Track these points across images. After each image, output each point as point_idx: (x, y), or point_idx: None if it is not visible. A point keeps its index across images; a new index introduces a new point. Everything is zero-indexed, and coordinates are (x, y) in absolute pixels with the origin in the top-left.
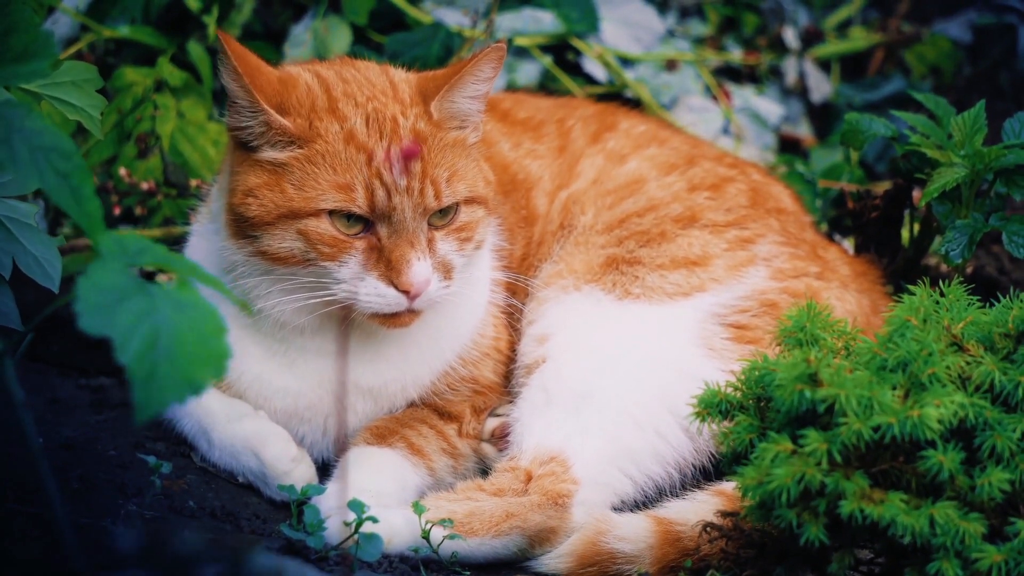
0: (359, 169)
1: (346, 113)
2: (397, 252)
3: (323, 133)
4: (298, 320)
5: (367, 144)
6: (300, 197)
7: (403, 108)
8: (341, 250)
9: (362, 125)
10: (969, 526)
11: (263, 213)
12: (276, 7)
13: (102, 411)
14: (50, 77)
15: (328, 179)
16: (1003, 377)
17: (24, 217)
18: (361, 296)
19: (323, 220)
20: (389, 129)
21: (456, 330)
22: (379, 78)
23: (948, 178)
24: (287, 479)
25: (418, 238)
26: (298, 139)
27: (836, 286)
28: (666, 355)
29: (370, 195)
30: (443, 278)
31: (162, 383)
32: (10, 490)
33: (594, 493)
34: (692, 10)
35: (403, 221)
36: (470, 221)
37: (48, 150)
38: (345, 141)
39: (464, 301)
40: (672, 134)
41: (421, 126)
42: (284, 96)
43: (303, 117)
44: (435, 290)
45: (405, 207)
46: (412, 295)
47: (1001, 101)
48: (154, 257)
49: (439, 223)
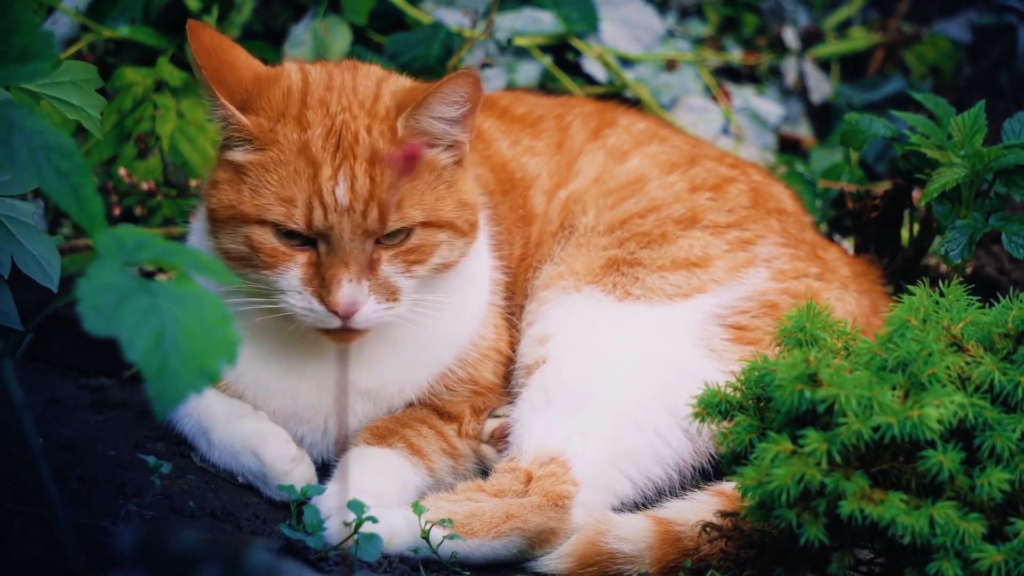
0: (303, 184)
1: (311, 122)
2: (330, 272)
3: (281, 140)
4: (256, 320)
5: (317, 158)
6: (249, 203)
7: (371, 123)
8: (281, 261)
9: (320, 138)
10: (969, 526)
11: (220, 209)
12: (276, 7)
13: (102, 411)
14: (50, 77)
15: (274, 190)
16: (1003, 377)
17: (23, 216)
18: (297, 309)
19: (267, 230)
20: (347, 145)
21: (454, 332)
22: (367, 87)
23: (948, 178)
24: (287, 479)
25: (355, 259)
26: (255, 140)
27: (836, 287)
28: (666, 356)
29: (308, 212)
30: (385, 300)
31: (175, 375)
32: (10, 490)
33: (594, 494)
34: (692, 10)
35: (341, 241)
36: (424, 244)
37: (49, 149)
38: (298, 152)
39: (460, 304)
40: (672, 132)
41: (380, 145)
42: (254, 94)
43: (270, 119)
44: (372, 312)
45: (344, 228)
46: (341, 315)
47: (1001, 101)
48: (153, 250)
49: (389, 243)
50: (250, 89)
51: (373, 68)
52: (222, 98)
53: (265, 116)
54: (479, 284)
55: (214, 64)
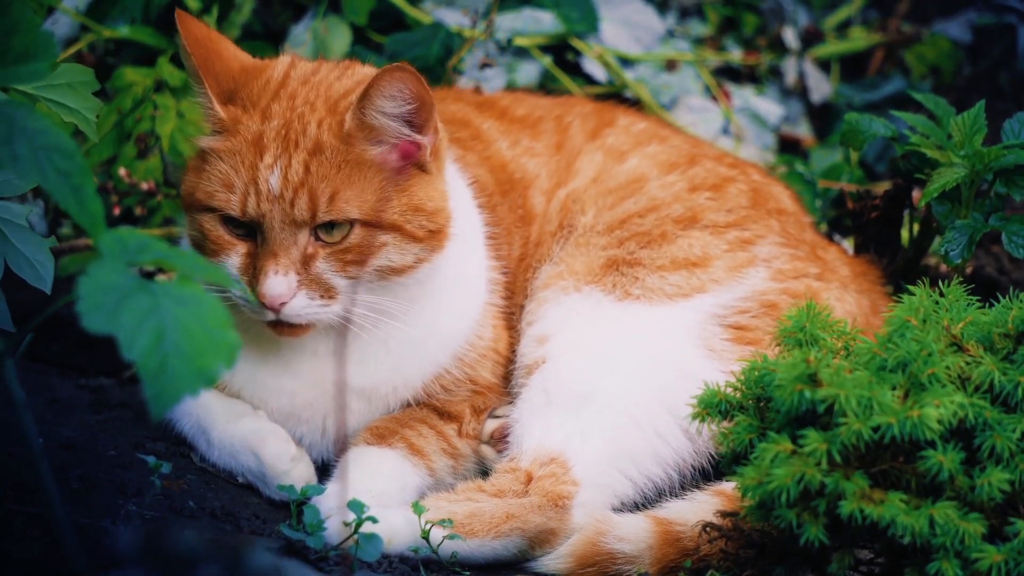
0: (244, 171)
1: (272, 114)
2: (260, 261)
3: (241, 130)
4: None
5: (264, 148)
6: (200, 190)
7: (325, 117)
8: (223, 248)
9: (274, 129)
10: (969, 526)
11: (184, 196)
12: (276, 7)
13: (102, 411)
14: (46, 79)
15: (219, 177)
16: (1003, 377)
17: (16, 218)
18: (237, 298)
19: (214, 217)
20: (294, 136)
21: (449, 332)
22: (344, 85)
23: (948, 178)
24: (286, 478)
25: (285, 250)
26: (224, 130)
27: (836, 287)
28: (666, 356)
29: (244, 199)
30: (319, 296)
31: (173, 376)
32: (10, 490)
33: (594, 494)
34: (692, 10)
35: (272, 230)
36: (362, 244)
37: (50, 149)
38: (251, 142)
39: (451, 304)
40: (672, 132)
41: (325, 137)
42: (240, 84)
43: (244, 110)
44: (302, 307)
45: (274, 216)
46: (268, 307)
47: (1001, 101)
48: (154, 253)
49: (327, 239)
50: (237, 79)
51: (366, 69)
52: (208, 86)
53: (240, 106)
54: (475, 284)
55: (203, 53)
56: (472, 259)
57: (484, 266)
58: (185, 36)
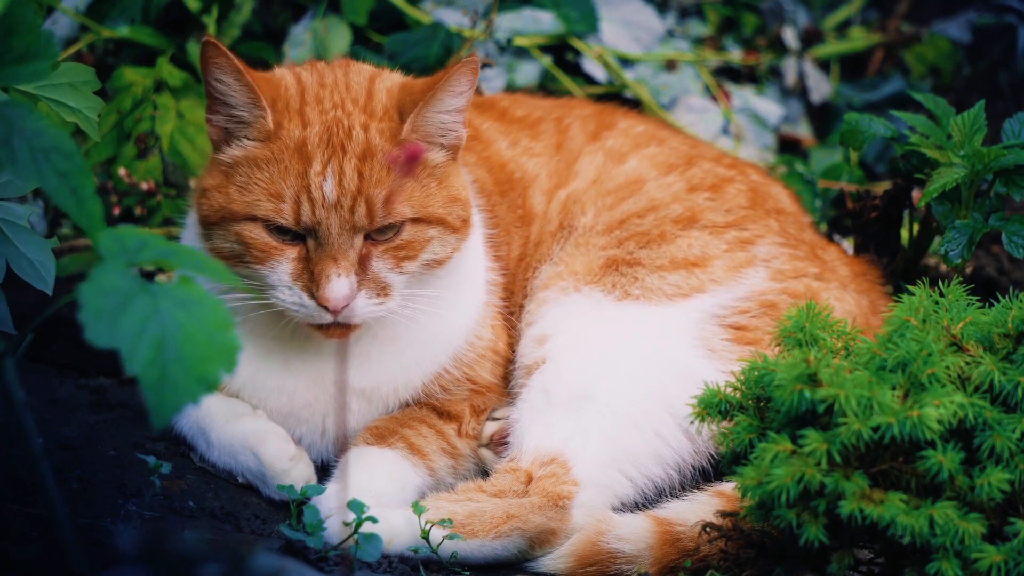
0: (293, 180)
1: (310, 119)
2: (319, 266)
3: (283, 136)
4: (249, 315)
5: (310, 155)
6: (240, 200)
7: (367, 120)
8: (271, 256)
9: (316, 135)
10: (969, 526)
11: (210, 213)
12: (276, 7)
13: (102, 411)
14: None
15: (265, 186)
16: (1002, 377)
17: (18, 219)
18: (288, 304)
19: (258, 225)
20: (338, 141)
21: (447, 333)
22: (360, 84)
23: (948, 178)
24: (286, 478)
25: (344, 254)
26: (264, 138)
27: (835, 286)
28: (666, 356)
29: (296, 208)
30: (376, 295)
31: (174, 385)
32: (10, 490)
33: (594, 494)
34: (692, 10)
35: (329, 236)
36: (414, 240)
37: (49, 150)
38: (295, 148)
39: (454, 304)
40: (671, 134)
41: (376, 141)
42: (272, 94)
43: (280, 115)
44: (363, 307)
45: (331, 223)
46: (331, 310)
47: (1001, 101)
48: (155, 251)
49: (379, 239)
50: (269, 89)
51: (364, 66)
52: (261, 94)
53: (275, 112)
54: (475, 284)
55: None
56: (473, 258)
57: (484, 266)
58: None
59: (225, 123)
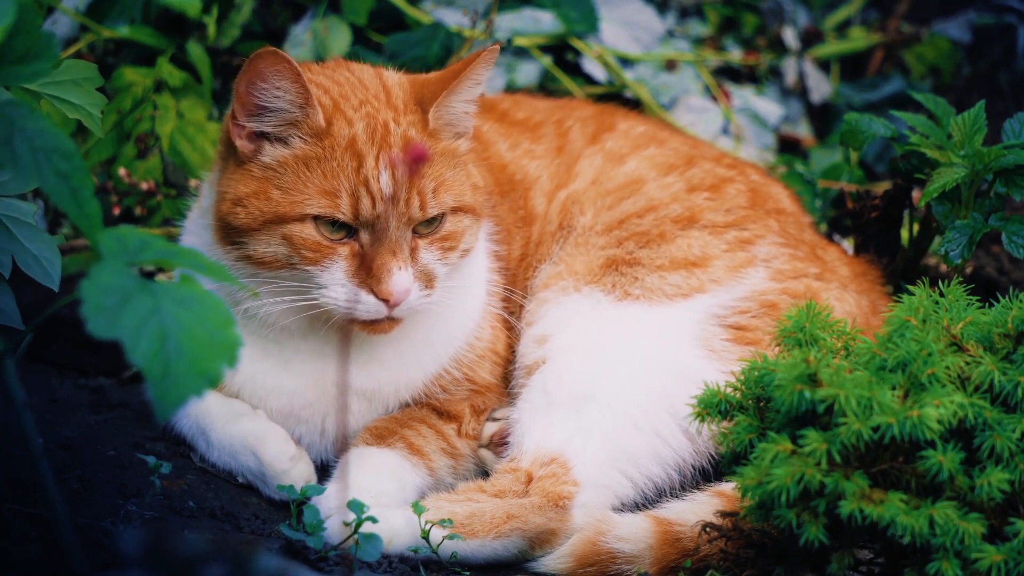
0: (347, 176)
1: (351, 117)
2: (379, 260)
3: (334, 133)
4: (285, 320)
5: (361, 150)
6: (287, 202)
7: (395, 115)
8: (324, 255)
9: (363, 131)
10: (969, 526)
11: (249, 221)
12: (276, 7)
13: (102, 411)
14: (50, 76)
15: (316, 184)
16: (1002, 377)
17: (24, 216)
18: (342, 302)
19: (308, 225)
20: (381, 137)
21: (450, 333)
22: (372, 82)
23: (948, 178)
24: (286, 478)
25: (400, 247)
26: (314, 136)
27: (835, 287)
28: (666, 356)
29: (355, 203)
30: (424, 287)
31: (177, 379)
32: (10, 490)
33: (594, 495)
34: (692, 10)
35: (386, 230)
36: (455, 230)
37: (49, 151)
38: (345, 146)
39: (457, 304)
40: (671, 135)
41: (412, 134)
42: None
43: (329, 112)
44: (415, 299)
45: (389, 216)
46: (391, 304)
47: (1001, 101)
48: (155, 251)
49: (424, 231)
50: None
51: (364, 65)
52: (313, 93)
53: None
54: (477, 283)
55: None
56: (475, 258)
57: (485, 266)
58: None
59: (262, 127)
